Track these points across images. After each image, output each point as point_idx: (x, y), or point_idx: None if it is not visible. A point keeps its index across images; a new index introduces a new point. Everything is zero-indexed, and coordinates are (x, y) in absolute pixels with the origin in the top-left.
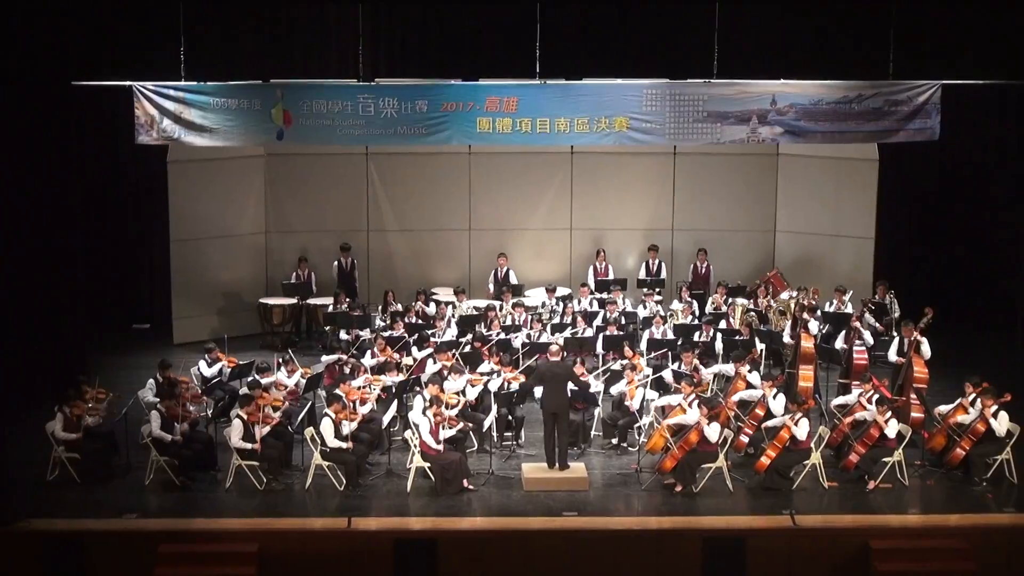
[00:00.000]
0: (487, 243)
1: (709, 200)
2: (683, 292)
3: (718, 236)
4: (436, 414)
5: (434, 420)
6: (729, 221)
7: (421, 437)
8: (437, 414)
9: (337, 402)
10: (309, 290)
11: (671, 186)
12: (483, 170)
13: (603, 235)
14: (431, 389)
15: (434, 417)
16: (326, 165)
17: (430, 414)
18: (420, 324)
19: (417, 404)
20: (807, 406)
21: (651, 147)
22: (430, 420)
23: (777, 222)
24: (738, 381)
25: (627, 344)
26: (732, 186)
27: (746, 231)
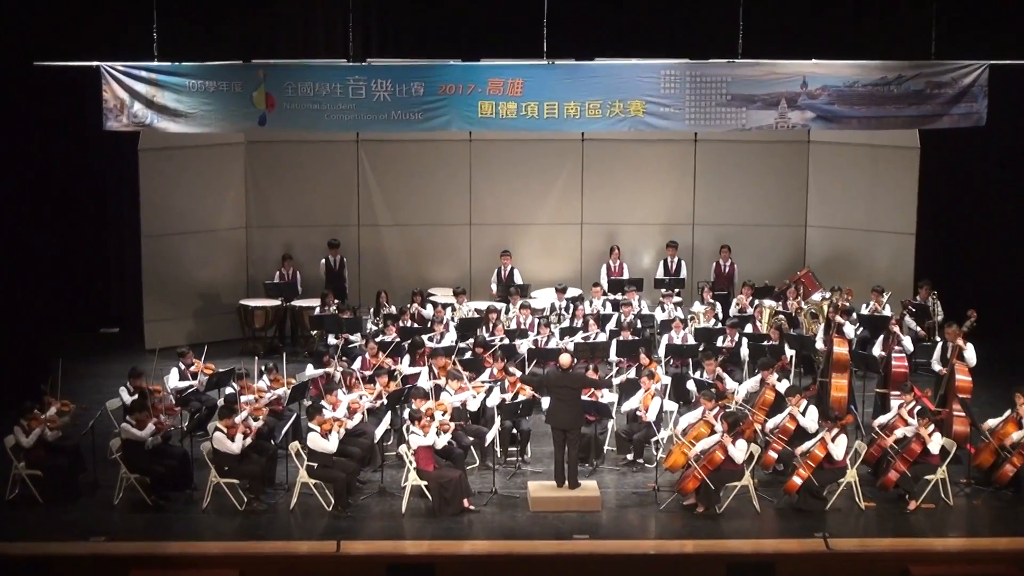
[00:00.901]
0: (490, 239)
1: (733, 192)
2: (705, 293)
3: (743, 231)
4: (424, 425)
5: (423, 433)
6: (755, 215)
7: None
8: (425, 425)
9: (319, 414)
10: (294, 291)
11: (691, 177)
12: (485, 159)
13: (617, 230)
14: (417, 402)
15: (422, 430)
16: (313, 153)
17: (416, 428)
18: (416, 328)
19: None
20: (845, 421)
21: (669, 134)
22: (419, 434)
23: (808, 216)
24: (766, 391)
25: (643, 350)
26: (758, 177)
27: (774, 226)
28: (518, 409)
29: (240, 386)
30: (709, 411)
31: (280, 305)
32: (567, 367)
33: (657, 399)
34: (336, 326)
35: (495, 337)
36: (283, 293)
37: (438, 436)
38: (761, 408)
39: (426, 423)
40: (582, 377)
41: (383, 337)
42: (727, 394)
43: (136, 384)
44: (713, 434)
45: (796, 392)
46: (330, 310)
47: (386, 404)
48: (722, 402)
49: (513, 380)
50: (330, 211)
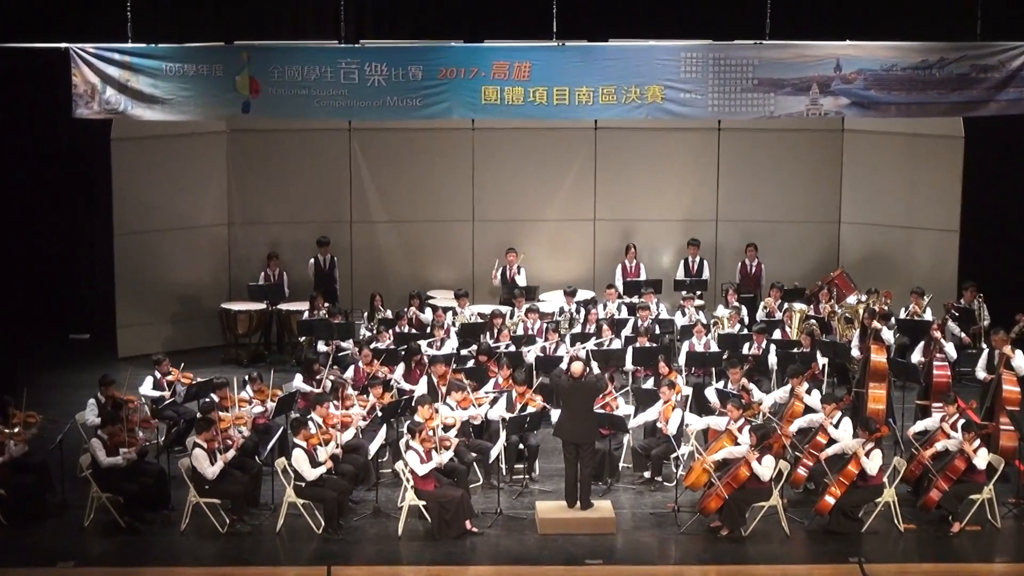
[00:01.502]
0: (494, 237)
1: (760, 185)
2: (729, 296)
3: (771, 228)
4: (424, 440)
5: (423, 447)
6: (784, 210)
7: (415, 472)
8: (425, 440)
9: (304, 428)
10: (280, 293)
11: (715, 169)
12: (489, 150)
13: (633, 227)
14: (420, 411)
15: (422, 445)
16: (301, 143)
17: (416, 443)
18: (413, 334)
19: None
20: (879, 434)
21: (691, 122)
22: (418, 450)
23: (842, 212)
24: (795, 403)
25: (662, 358)
26: (788, 169)
27: (805, 222)
28: (525, 422)
29: (221, 397)
30: (734, 422)
31: (265, 309)
32: (579, 376)
33: (677, 411)
34: (326, 332)
35: (500, 344)
36: (268, 296)
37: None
38: (790, 420)
39: (427, 438)
40: (595, 389)
41: (378, 344)
42: (753, 405)
43: (109, 394)
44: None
45: (830, 402)
46: (320, 314)
47: (381, 417)
48: (748, 413)
49: (522, 390)
50: (320, 206)
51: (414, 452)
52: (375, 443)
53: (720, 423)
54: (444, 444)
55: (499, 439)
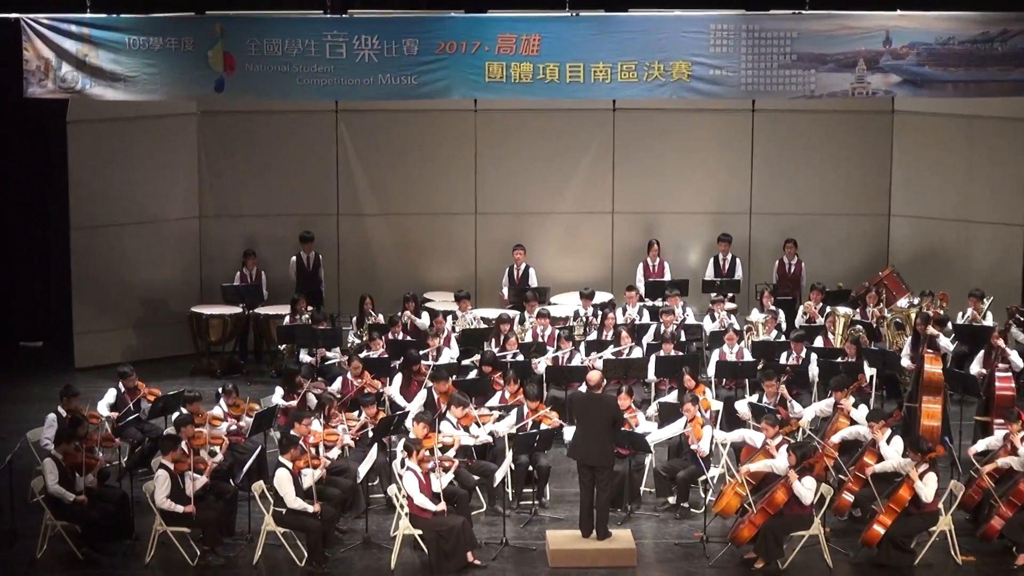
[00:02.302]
0: (500, 232)
1: (800, 174)
2: (765, 298)
3: (812, 222)
4: (422, 461)
5: (420, 470)
6: (827, 202)
7: (411, 497)
8: (423, 461)
9: (294, 447)
10: (258, 295)
11: (748, 155)
12: (494, 134)
13: (656, 221)
14: (415, 429)
15: (419, 466)
16: (282, 127)
17: (413, 463)
18: (409, 342)
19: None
20: (934, 454)
21: (721, 102)
22: (416, 472)
23: (892, 203)
24: (839, 418)
25: (688, 369)
26: (831, 155)
27: (850, 215)
28: (534, 440)
29: (192, 413)
30: (770, 440)
31: (241, 313)
32: (595, 386)
33: (707, 429)
34: (310, 339)
35: (507, 353)
36: (245, 298)
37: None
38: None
39: (425, 458)
40: (612, 404)
41: (368, 353)
42: (792, 422)
43: (71, 407)
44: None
45: (878, 418)
46: (303, 319)
47: (372, 435)
48: (786, 431)
49: (534, 406)
50: (303, 197)
51: (411, 474)
52: (364, 465)
53: (756, 439)
54: (444, 465)
55: (505, 460)
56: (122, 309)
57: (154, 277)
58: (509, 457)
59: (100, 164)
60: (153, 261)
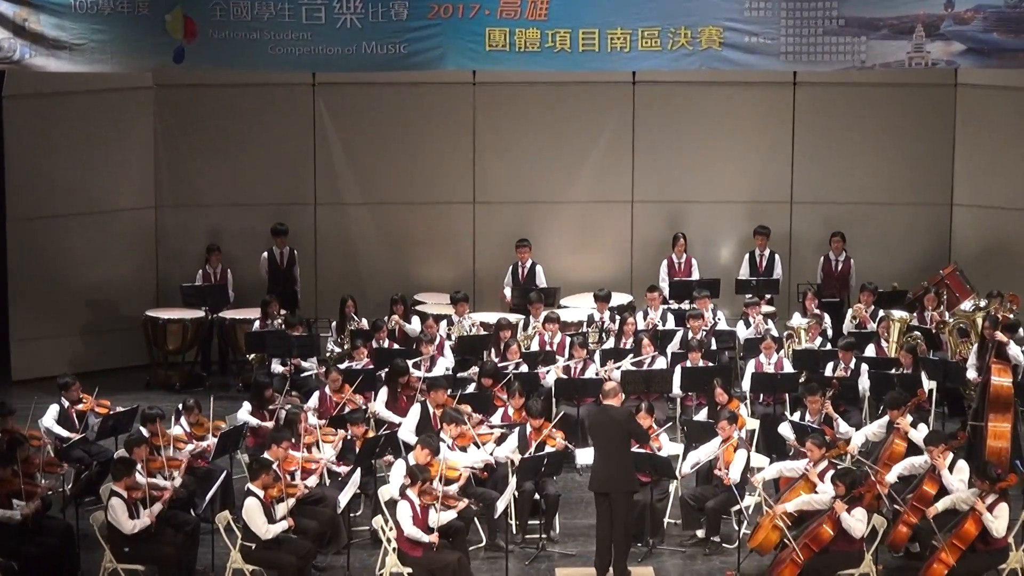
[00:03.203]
0: (501, 225)
1: (848, 157)
2: (808, 301)
3: (862, 213)
4: (423, 492)
5: (420, 501)
6: (879, 190)
7: (400, 528)
8: (424, 492)
9: (265, 473)
10: (223, 297)
11: (789, 135)
12: (496, 111)
13: (683, 211)
14: (417, 454)
15: (419, 497)
16: (251, 103)
17: (413, 494)
18: (397, 350)
19: (395, 475)
20: (1006, 483)
21: (758, 74)
22: (413, 503)
23: (955, 191)
24: (895, 440)
25: (720, 382)
26: (884, 135)
27: (906, 205)
28: (542, 464)
29: (148, 432)
30: (814, 465)
31: (204, 318)
32: (612, 398)
33: (741, 452)
34: (283, 347)
35: (509, 363)
36: (208, 300)
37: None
38: (888, 463)
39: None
40: (630, 420)
41: (350, 364)
42: (839, 443)
43: (6, 428)
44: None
45: (938, 441)
46: (274, 324)
47: (355, 459)
48: (832, 454)
49: (538, 424)
50: (275, 184)
51: (406, 504)
52: (346, 492)
53: (796, 468)
54: (448, 504)
55: (508, 487)
56: (66, 313)
57: (103, 276)
58: (513, 484)
59: (41, 146)
60: (102, 258)
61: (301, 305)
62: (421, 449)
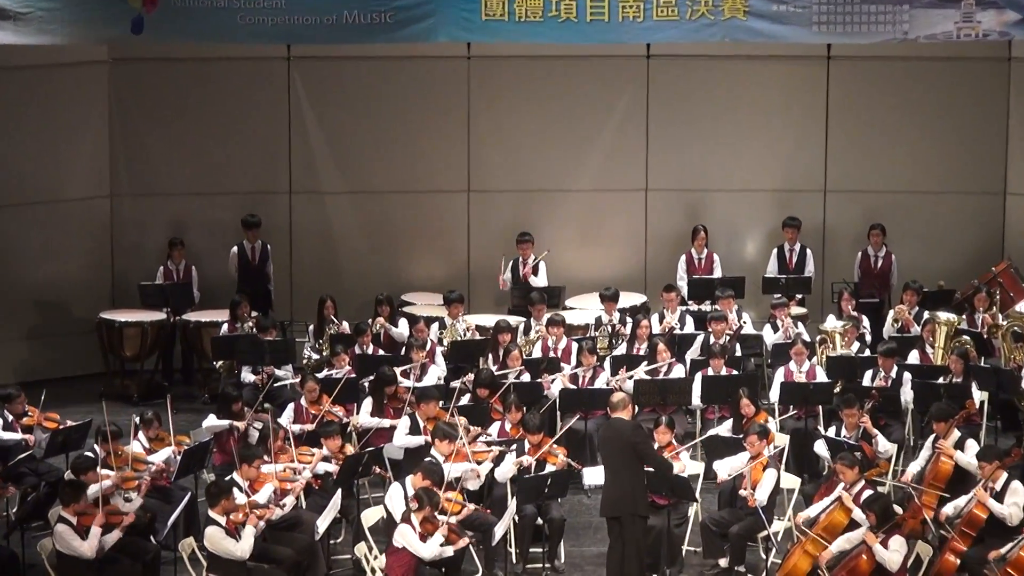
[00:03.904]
0: (499, 217)
1: (889, 140)
2: (844, 301)
3: (905, 203)
4: (427, 520)
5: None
6: (924, 176)
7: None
8: (428, 521)
9: (225, 497)
10: (187, 297)
11: (822, 116)
12: (493, 88)
13: (703, 201)
14: (416, 479)
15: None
16: (218, 80)
17: (416, 520)
18: (382, 357)
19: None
20: None
21: (787, 47)
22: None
23: (1008, 178)
24: (941, 458)
25: (745, 392)
26: (930, 115)
27: (955, 193)
28: (545, 486)
29: (104, 451)
30: (848, 489)
31: (165, 320)
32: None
33: (771, 472)
34: (255, 354)
35: (509, 371)
36: (170, 300)
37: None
38: (934, 484)
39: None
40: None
41: (330, 372)
42: (879, 462)
43: None
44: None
45: (991, 457)
46: (245, 328)
47: (335, 479)
48: (871, 474)
49: (537, 440)
50: (246, 170)
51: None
52: (325, 517)
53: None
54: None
55: (507, 511)
56: (10, 315)
57: (52, 274)
58: (512, 507)
59: None
60: (51, 253)
61: (275, 306)
62: (423, 478)
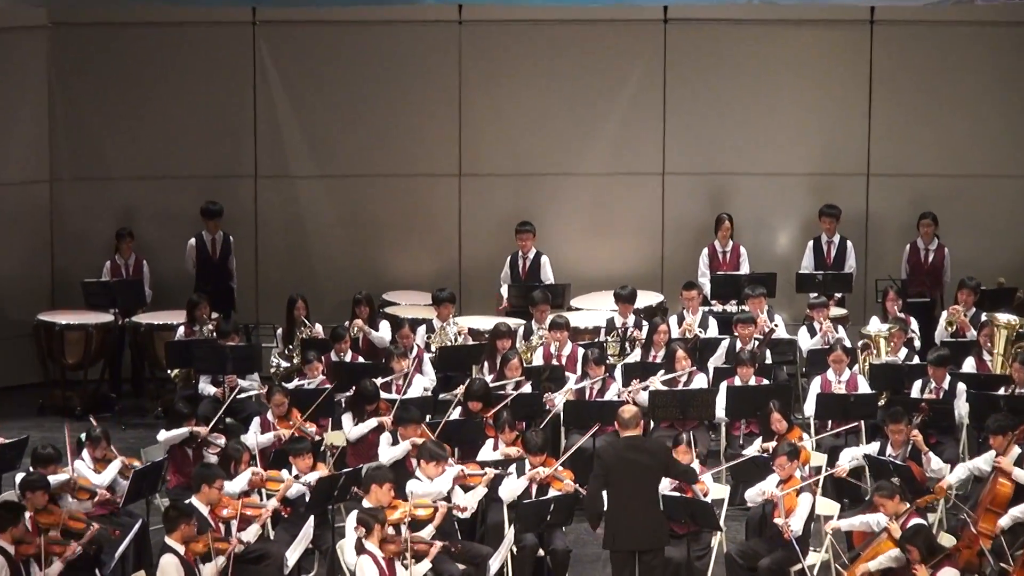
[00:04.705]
0: (496, 204)
1: (941, 116)
2: (890, 301)
3: (960, 188)
4: (386, 542)
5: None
6: (982, 159)
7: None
8: (387, 542)
9: (186, 522)
10: (138, 295)
11: (865, 88)
12: (487, 57)
13: (729, 186)
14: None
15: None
16: (174, 47)
17: (372, 546)
18: (361, 365)
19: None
20: None
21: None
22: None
23: None
24: (999, 479)
25: (777, 405)
26: (988, 88)
27: (1016, 178)
28: (547, 512)
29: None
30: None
31: (112, 323)
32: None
33: (806, 497)
34: (215, 362)
35: (507, 381)
36: (118, 300)
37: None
38: (991, 510)
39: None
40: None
41: (301, 382)
42: (931, 485)
43: None
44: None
45: None
46: (204, 332)
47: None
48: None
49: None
50: (205, 152)
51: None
52: (295, 548)
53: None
54: (418, 550)
55: (504, 541)
56: None
57: None
58: (510, 537)
59: None
60: None
61: (238, 307)
62: (375, 486)
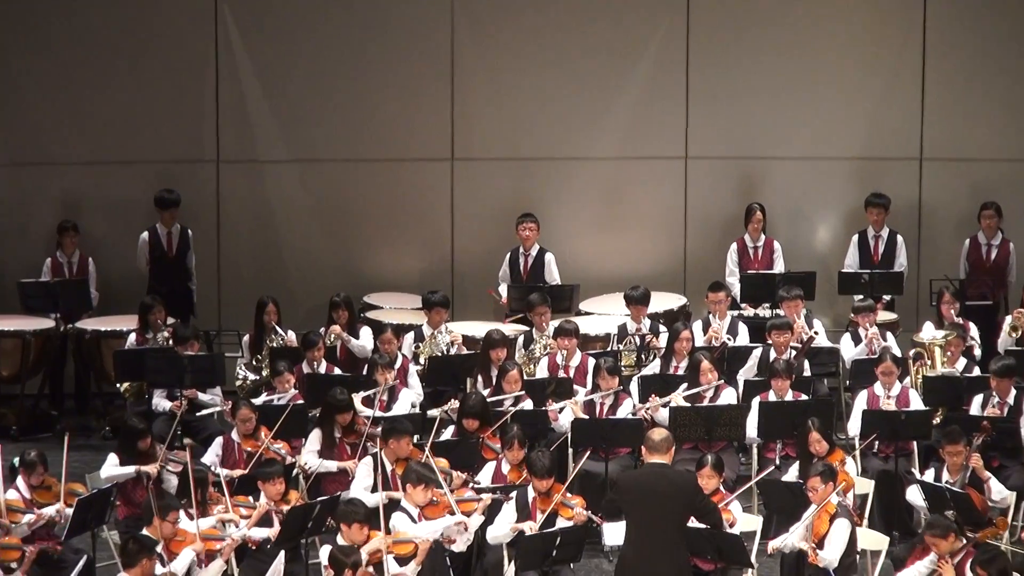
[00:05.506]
0: (493, 193)
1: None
2: (946, 303)
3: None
4: None
5: None
6: None
7: None
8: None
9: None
10: (82, 298)
11: (918, 64)
12: (484, 27)
13: (760, 172)
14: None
15: None
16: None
17: None
18: (338, 377)
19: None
20: None
21: None
22: None
23: None
24: None
25: (815, 424)
26: None
27: None
28: (553, 546)
29: None
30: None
31: (53, 329)
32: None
33: (841, 523)
34: (171, 373)
35: (505, 396)
36: (60, 302)
37: None
38: None
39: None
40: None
41: (270, 397)
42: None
43: None
44: None
45: None
46: (159, 339)
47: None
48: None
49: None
50: (160, 133)
51: None
52: None
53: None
54: None
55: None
56: None
57: None
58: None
59: None
60: None
61: (197, 311)
62: (347, 527)
